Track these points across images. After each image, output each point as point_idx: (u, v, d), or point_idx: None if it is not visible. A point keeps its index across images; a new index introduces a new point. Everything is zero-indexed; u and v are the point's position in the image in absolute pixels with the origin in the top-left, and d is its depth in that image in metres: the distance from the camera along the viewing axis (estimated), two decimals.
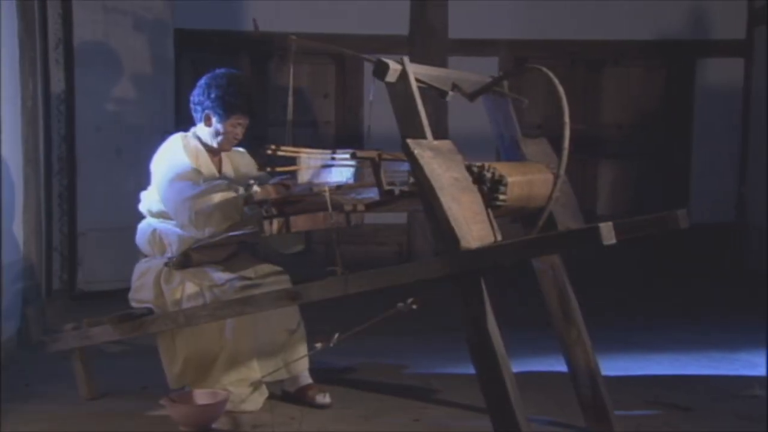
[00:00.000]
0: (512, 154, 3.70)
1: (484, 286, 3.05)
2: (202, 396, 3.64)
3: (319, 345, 3.57)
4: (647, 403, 3.99)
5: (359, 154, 3.45)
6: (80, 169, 6.15)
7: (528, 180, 3.35)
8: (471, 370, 3.09)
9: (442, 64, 7.03)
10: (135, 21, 6.30)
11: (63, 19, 6.11)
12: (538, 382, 4.26)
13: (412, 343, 4.97)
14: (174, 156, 3.89)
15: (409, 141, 3.02)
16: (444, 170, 3.04)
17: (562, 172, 3.14)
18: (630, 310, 6.34)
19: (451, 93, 3.35)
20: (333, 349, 4.79)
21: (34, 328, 4.87)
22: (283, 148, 3.60)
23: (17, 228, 4.84)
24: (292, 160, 3.73)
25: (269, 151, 3.52)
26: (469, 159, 3.24)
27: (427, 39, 7.30)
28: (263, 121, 7.34)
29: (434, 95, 3.53)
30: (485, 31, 7.40)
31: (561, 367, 3.69)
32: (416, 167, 2.99)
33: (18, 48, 4.83)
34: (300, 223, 3.68)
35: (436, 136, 3.37)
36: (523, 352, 4.81)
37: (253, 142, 7.22)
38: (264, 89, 7.35)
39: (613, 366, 4.64)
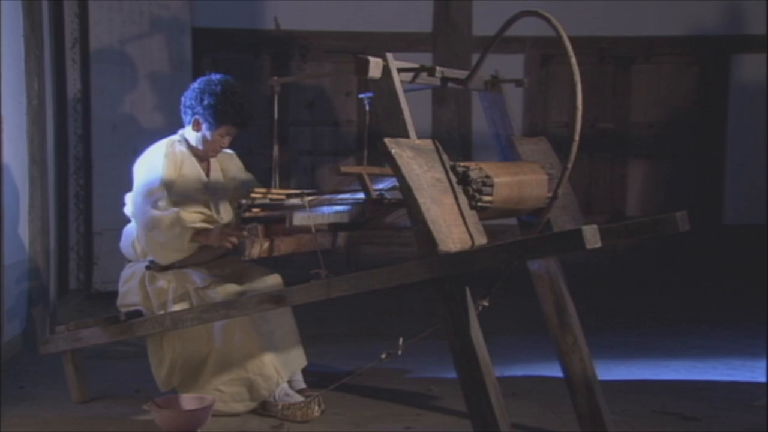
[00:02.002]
0: (508, 153, 3.57)
1: (467, 291, 2.95)
2: (188, 401, 3.57)
3: (384, 355, 3.46)
4: (654, 412, 3.84)
5: (344, 169, 3.34)
6: (96, 169, 6.14)
7: (519, 181, 3.23)
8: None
9: (466, 61, 6.92)
10: (152, 20, 6.27)
11: (80, 18, 6.11)
12: (539, 388, 4.14)
13: (419, 347, 4.85)
14: (150, 167, 3.85)
15: (387, 140, 2.91)
16: (425, 170, 2.93)
17: (569, 166, 2.98)
18: (653, 313, 6.16)
19: (440, 69, 3.24)
20: (336, 353, 4.78)
21: (40, 329, 4.85)
22: (274, 191, 3.53)
23: (22, 228, 4.82)
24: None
25: (256, 197, 3.45)
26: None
27: (450, 36, 7.17)
28: (285, 120, 7.29)
29: (458, 94, 3.48)
30: (511, 27, 7.21)
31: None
32: (394, 167, 2.88)
33: (23, 47, 4.80)
34: (284, 246, 3.63)
35: (460, 136, 3.34)
36: (528, 355, 4.70)
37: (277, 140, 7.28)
38: (285, 88, 7.27)
39: (626, 372, 4.52)
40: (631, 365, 4.66)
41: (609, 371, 4.49)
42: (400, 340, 3.28)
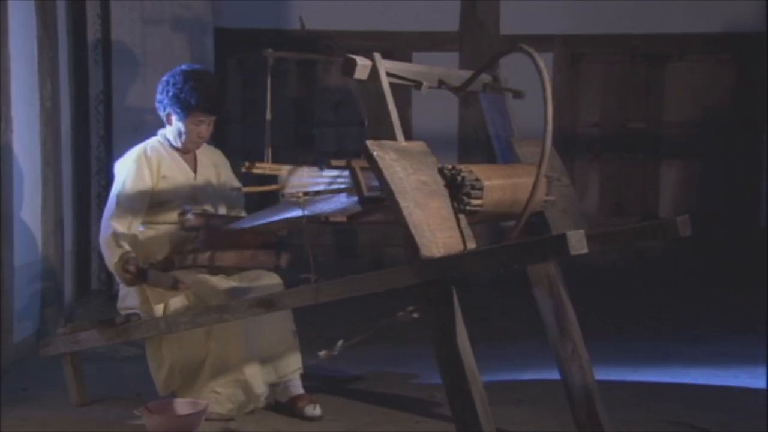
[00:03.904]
0: (507, 155, 3.48)
1: (455, 296, 2.87)
2: (181, 405, 3.53)
3: (323, 353, 3.44)
4: (661, 421, 3.72)
5: (334, 163, 3.29)
6: None
7: (512, 184, 3.13)
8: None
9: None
10: (174, 20, 6.27)
11: (102, 19, 6.13)
12: (546, 395, 4.02)
13: (429, 350, 4.78)
14: (118, 178, 3.87)
15: (369, 142, 2.84)
16: (409, 173, 2.85)
17: (541, 173, 2.88)
18: (679, 318, 6.01)
19: (426, 84, 3.15)
20: (345, 357, 4.70)
21: (52, 330, 4.85)
22: (258, 164, 3.49)
23: (35, 230, 4.83)
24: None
25: (243, 169, 3.42)
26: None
27: (477, 35, 7.06)
28: (309, 121, 7.26)
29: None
30: (539, 26, 7.10)
31: None
32: (376, 170, 2.81)
33: (36, 48, 4.81)
34: (226, 258, 3.73)
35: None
36: (542, 360, 4.59)
37: (300, 141, 7.26)
38: (310, 89, 7.25)
39: (642, 379, 4.39)
40: (648, 372, 4.55)
41: (625, 378, 4.39)
42: (339, 342, 3.22)
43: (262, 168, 3.45)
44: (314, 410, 3.71)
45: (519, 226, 2.90)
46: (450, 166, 2.99)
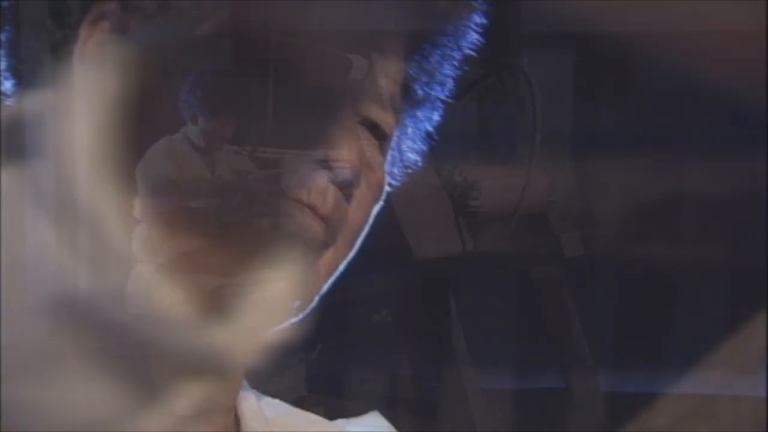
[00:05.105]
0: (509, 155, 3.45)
1: (451, 298, 2.85)
2: None
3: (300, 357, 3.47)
4: (662, 425, 3.67)
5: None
6: None
7: (512, 185, 3.09)
8: (497, 384, 2.96)
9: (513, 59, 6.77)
10: (191, 21, 6.30)
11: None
12: (551, 398, 3.98)
13: None
14: (154, 170, 3.82)
15: None
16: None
17: (529, 179, 2.86)
18: (686, 320, 5.93)
19: (422, 94, 3.12)
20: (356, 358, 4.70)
21: None
22: (261, 149, 3.47)
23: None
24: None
25: (244, 153, 3.40)
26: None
27: (495, 34, 7.03)
28: None
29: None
30: (558, 24, 7.05)
31: None
32: None
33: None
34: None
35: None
36: (546, 363, 4.57)
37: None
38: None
39: (644, 382, 4.34)
40: (649, 374, 4.47)
41: (627, 380, 4.33)
42: (318, 346, 3.21)
43: (265, 152, 3.44)
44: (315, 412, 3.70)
45: (509, 230, 2.88)
46: (447, 167, 2.97)
